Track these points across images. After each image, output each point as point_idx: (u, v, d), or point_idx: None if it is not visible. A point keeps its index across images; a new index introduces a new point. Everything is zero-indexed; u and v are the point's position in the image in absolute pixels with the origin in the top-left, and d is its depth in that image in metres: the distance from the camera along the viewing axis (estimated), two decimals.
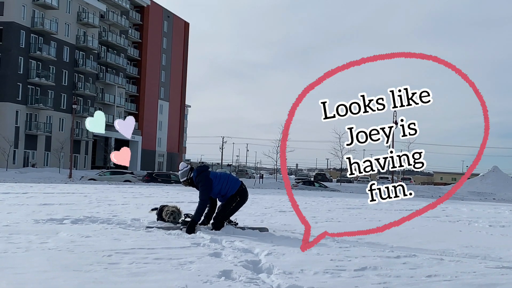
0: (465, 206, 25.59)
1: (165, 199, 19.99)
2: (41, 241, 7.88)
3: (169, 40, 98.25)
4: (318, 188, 56.08)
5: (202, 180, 10.07)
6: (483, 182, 59.70)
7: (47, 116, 67.01)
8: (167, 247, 7.81)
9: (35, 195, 19.37)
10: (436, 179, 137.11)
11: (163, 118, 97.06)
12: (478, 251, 8.85)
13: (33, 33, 64.60)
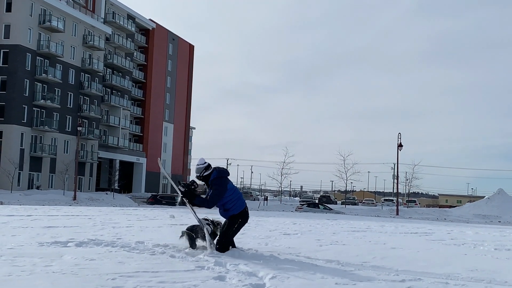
0: (470, 229, 25.44)
1: (169, 221, 19.95)
2: (46, 264, 7.87)
3: (174, 63, 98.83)
4: (322, 210, 55.92)
5: (219, 185, 9.92)
6: (488, 204, 59.39)
7: (52, 138, 67.24)
8: (172, 270, 7.78)
9: (40, 217, 19.36)
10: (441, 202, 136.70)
11: (167, 140, 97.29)
12: (484, 274, 8.79)
13: (39, 55, 65.08)
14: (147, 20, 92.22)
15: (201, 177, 10.11)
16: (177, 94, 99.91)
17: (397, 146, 54.09)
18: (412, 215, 53.05)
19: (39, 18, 65.01)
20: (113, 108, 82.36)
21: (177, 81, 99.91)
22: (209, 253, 9.52)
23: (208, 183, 10.04)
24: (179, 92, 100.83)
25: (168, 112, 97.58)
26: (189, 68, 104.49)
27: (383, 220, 34.47)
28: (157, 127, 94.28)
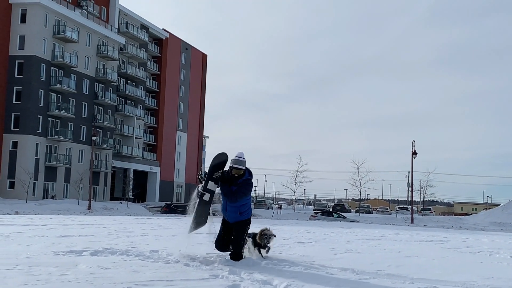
0: (486, 236, 25.26)
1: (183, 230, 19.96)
2: (61, 273, 7.91)
3: (187, 72, 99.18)
4: (336, 218, 55.74)
5: (249, 185, 9.93)
6: (504, 212, 58.96)
7: (67, 148, 67.61)
8: (186, 279, 7.79)
9: (55, 227, 19.47)
10: (456, 209, 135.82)
11: (181, 149, 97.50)
12: (500, 282, 8.73)
13: (54, 66, 65.57)
14: (160, 29, 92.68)
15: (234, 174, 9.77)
16: (190, 103, 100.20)
17: (412, 153, 53.84)
18: (427, 223, 52.73)
19: (54, 29, 65.52)
20: (127, 118, 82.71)
21: (190, 90, 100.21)
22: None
23: (232, 181, 9.82)
24: (192, 101, 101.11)
25: (182, 121, 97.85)
26: (202, 77, 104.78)
27: (398, 228, 34.30)
28: (171, 136, 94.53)
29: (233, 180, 9.79)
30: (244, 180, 9.80)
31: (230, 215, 10.02)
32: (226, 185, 9.86)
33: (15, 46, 63.11)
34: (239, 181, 9.75)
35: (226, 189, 9.87)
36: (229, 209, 9.98)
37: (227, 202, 9.93)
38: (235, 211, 9.96)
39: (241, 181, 9.74)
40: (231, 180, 9.80)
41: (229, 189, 9.82)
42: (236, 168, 9.67)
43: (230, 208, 9.95)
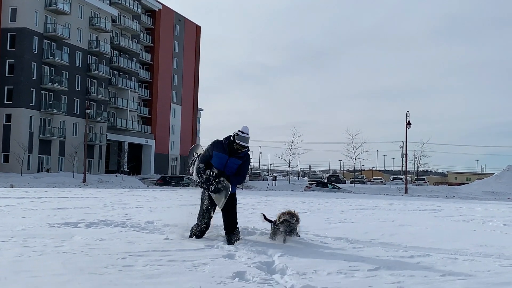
0: (480, 205, 25.44)
1: (178, 202, 20.05)
2: (56, 244, 7.94)
3: (180, 44, 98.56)
4: (331, 189, 56.03)
5: (248, 162, 9.33)
6: (497, 181, 59.29)
7: (61, 121, 67.39)
8: (181, 249, 7.83)
9: (50, 199, 19.50)
10: (450, 179, 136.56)
11: (175, 121, 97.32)
12: (493, 250, 8.81)
13: (46, 38, 65.03)
14: (153, 1, 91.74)
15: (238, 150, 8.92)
16: (184, 76, 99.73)
17: (406, 124, 53.95)
18: (421, 193, 53.05)
19: (45, 1, 64.76)
20: (120, 91, 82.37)
21: (184, 62, 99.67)
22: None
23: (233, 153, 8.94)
24: (187, 73, 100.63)
25: (176, 94, 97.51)
26: (196, 49, 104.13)
27: (392, 198, 34.49)
28: (165, 109, 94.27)
29: (234, 152, 8.98)
30: (246, 155, 9.16)
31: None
32: (225, 155, 8.98)
33: (6, 19, 62.48)
34: (241, 154, 9.04)
35: (232, 162, 9.01)
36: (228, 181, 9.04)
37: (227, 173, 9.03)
38: (232, 181, 9.08)
39: (243, 154, 9.06)
40: (233, 152, 8.97)
41: (234, 162, 8.99)
42: (241, 145, 8.88)
43: (231, 179, 9.02)
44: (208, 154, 9.10)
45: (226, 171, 8.96)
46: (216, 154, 9.01)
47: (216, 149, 9.02)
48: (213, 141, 9.19)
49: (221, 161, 8.97)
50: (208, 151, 9.14)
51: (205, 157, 9.16)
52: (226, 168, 8.95)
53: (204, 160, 9.15)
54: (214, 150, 9.04)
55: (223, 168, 8.96)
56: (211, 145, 9.14)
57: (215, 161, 9.01)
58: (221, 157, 8.96)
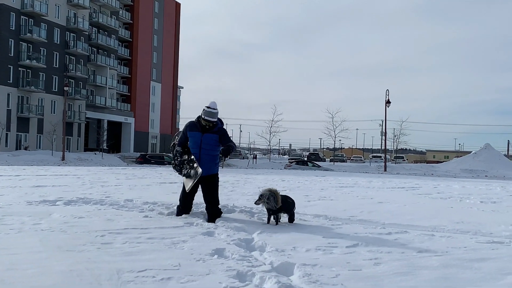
0: (457, 183, 25.73)
1: (157, 180, 20.03)
2: (34, 222, 7.89)
3: (160, 21, 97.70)
4: (311, 167, 56.26)
5: (226, 133, 9.15)
6: (475, 159, 59.93)
7: (39, 99, 66.68)
8: (160, 227, 7.83)
9: (28, 177, 19.36)
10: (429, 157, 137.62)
11: (155, 99, 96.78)
12: (469, 226, 8.92)
13: (23, 15, 64.03)
14: None
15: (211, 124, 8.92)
16: (164, 53, 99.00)
17: (385, 103, 54.17)
18: (399, 171, 53.49)
19: None
20: (99, 68, 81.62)
21: (164, 40, 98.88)
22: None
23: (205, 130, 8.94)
24: (166, 51, 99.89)
25: (156, 72, 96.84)
26: (175, 26, 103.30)
27: (371, 176, 34.75)
28: (145, 87, 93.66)
29: (206, 129, 8.97)
30: (220, 129, 9.05)
31: (206, 166, 8.93)
32: (199, 132, 8.99)
33: None
34: (215, 129, 8.97)
35: (207, 138, 8.96)
36: (205, 159, 8.97)
37: (203, 152, 8.96)
38: (211, 161, 9.06)
39: (216, 129, 8.98)
40: (204, 129, 8.98)
41: (210, 137, 8.95)
42: (207, 121, 8.88)
43: (207, 158, 8.98)
44: (184, 136, 9.26)
45: (203, 147, 8.98)
46: (190, 134, 9.13)
47: (190, 129, 9.14)
48: (186, 123, 9.34)
49: (196, 139, 9.05)
50: (184, 133, 9.28)
51: (181, 139, 9.33)
52: (202, 144, 8.99)
53: (181, 142, 9.32)
54: (188, 130, 9.16)
55: (199, 145, 9.00)
56: (185, 127, 9.29)
57: (191, 141, 9.15)
58: (195, 135, 9.05)
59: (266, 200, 8.49)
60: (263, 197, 8.53)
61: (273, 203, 8.46)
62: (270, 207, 8.51)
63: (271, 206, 8.48)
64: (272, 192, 8.56)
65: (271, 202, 8.46)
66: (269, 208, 8.55)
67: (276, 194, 8.54)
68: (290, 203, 8.83)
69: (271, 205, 8.47)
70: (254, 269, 5.31)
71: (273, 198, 8.48)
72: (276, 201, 8.48)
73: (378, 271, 5.45)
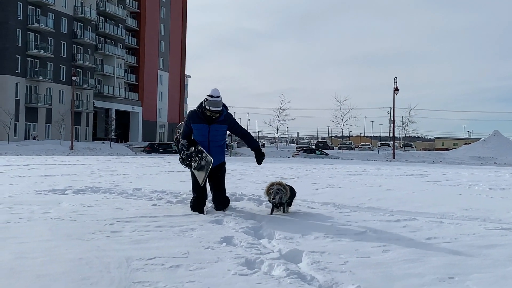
0: (466, 170, 25.65)
1: (166, 169, 20.07)
2: (44, 211, 7.93)
3: (167, 10, 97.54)
4: (319, 155, 56.26)
5: (235, 121, 8.71)
6: (484, 146, 59.75)
7: (47, 88, 66.86)
8: (169, 215, 7.85)
9: (37, 166, 19.44)
10: (437, 145, 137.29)
11: (163, 88, 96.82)
12: (478, 213, 8.89)
13: (30, 4, 64.10)
14: None
15: (212, 116, 8.29)
16: (171, 42, 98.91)
17: (393, 90, 53.98)
18: (408, 159, 53.39)
19: None
20: (107, 57, 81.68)
21: (171, 29, 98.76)
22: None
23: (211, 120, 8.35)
24: (173, 40, 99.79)
25: (163, 61, 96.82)
26: (182, 15, 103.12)
27: (379, 163, 34.69)
28: (152, 76, 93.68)
29: (213, 120, 8.35)
30: (227, 116, 8.51)
31: (215, 157, 8.38)
32: (205, 124, 8.37)
33: None
34: (221, 118, 8.38)
35: (215, 129, 8.41)
36: (214, 151, 8.43)
37: (212, 144, 8.43)
38: (220, 152, 8.60)
39: (222, 118, 8.40)
40: (210, 120, 8.35)
41: (217, 128, 8.41)
42: (213, 111, 8.21)
43: (216, 149, 8.47)
44: (188, 128, 8.55)
45: (212, 140, 8.40)
46: (195, 127, 8.44)
47: (193, 120, 8.42)
48: (188, 114, 8.65)
49: (203, 132, 8.41)
50: (187, 125, 8.55)
51: (185, 132, 8.60)
52: (210, 137, 8.38)
53: (185, 135, 8.59)
54: (192, 122, 8.45)
55: (207, 138, 8.39)
56: (187, 118, 8.57)
57: (197, 134, 8.47)
58: (201, 127, 8.39)
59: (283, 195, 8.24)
60: (280, 192, 8.19)
61: (286, 198, 8.31)
62: (283, 202, 8.32)
63: (284, 201, 8.30)
64: (283, 186, 8.34)
65: (284, 197, 8.27)
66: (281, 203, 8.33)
67: (287, 188, 8.38)
68: (295, 193, 8.80)
69: (284, 199, 8.29)
70: (262, 257, 5.32)
71: (285, 193, 8.28)
72: (287, 195, 8.34)
73: (387, 258, 5.45)
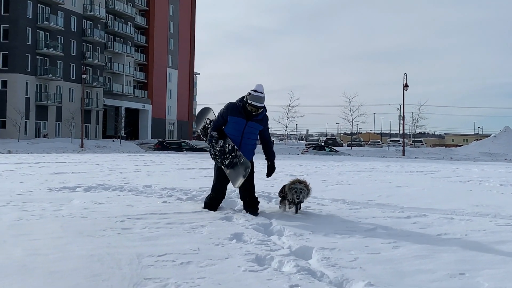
0: (476, 166, 25.55)
1: (175, 166, 20.10)
2: (55, 208, 7.97)
3: (176, 8, 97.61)
4: (328, 152, 56.15)
5: (268, 126, 8.33)
6: (494, 142, 59.48)
7: (57, 87, 67.12)
8: (179, 212, 7.87)
9: (48, 164, 19.51)
10: (447, 141, 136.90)
11: (172, 86, 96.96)
12: (489, 209, 8.87)
13: (40, 3, 64.34)
14: None
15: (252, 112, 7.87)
16: (180, 40, 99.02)
17: (403, 86, 53.80)
18: (418, 155, 53.22)
19: None
20: (116, 55, 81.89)
21: (179, 26, 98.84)
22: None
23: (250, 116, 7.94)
24: (182, 37, 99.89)
25: (172, 58, 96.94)
26: (191, 12, 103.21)
27: (389, 160, 34.60)
28: (161, 73, 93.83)
29: (252, 116, 7.94)
30: (265, 117, 8.12)
31: (247, 155, 7.99)
32: (243, 119, 7.93)
33: None
34: (259, 117, 8.00)
35: (251, 126, 7.98)
36: (245, 149, 8.03)
37: (244, 141, 8.01)
38: (251, 150, 8.15)
39: (261, 116, 8.01)
40: (249, 114, 7.93)
41: (253, 126, 7.98)
42: (255, 106, 7.79)
43: (247, 147, 8.06)
44: (222, 119, 8.05)
45: (244, 137, 7.98)
46: (231, 119, 7.95)
47: (232, 113, 7.94)
48: (226, 104, 8.09)
49: (239, 126, 7.94)
50: (222, 116, 8.04)
51: (218, 123, 8.11)
52: (244, 134, 7.95)
53: (217, 126, 8.12)
54: (229, 114, 7.96)
55: (241, 134, 7.94)
56: (225, 109, 8.03)
57: (231, 127, 7.98)
58: (238, 121, 7.92)
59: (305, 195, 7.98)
60: (303, 191, 7.91)
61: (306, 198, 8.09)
62: (302, 201, 8.08)
63: (303, 200, 8.06)
64: (306, 186, 8.05)
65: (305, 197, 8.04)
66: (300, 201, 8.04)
67: (309, 188, 8.10)
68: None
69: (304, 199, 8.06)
70: (272, 253, 5.33)
71: (307, 193, 8.02)
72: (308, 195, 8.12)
73: (397, 254, 5.45)
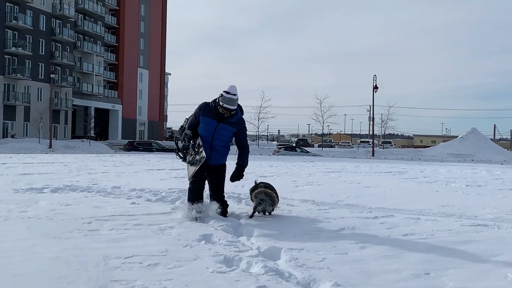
0: (443, 167, 25.89)
1: (145, 167, 20.00)
2: (21, 210, 7.88)
3: (147, 7, 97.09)
4: (299, 153, 56.31)
5: (245, 129, 8.21)
6: (461, 144, 60.33)
7: (25, 86, 66.28)
8: (148, 213, 7.84)
9: (15, 165, 19.27)
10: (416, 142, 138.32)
11: (143, 86, 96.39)
12: (454, 210, 9.00)
13: (8, 2, 63.50)
14: None
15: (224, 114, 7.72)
16: (151, 40, 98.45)
17: (373, 88, 54.25)
18: (387, 156, 53.72)
19: None
20: (86, 55, 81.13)
21: (150, 26, 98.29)
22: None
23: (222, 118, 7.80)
24: (153, 37, 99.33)
25: (143, 58, 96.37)
26: (163, 12, 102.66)
27: (359, 161, 34.87)
28: (132, 74, 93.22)
29: (223, 118, 7.77)
30: (239, 120, 7.95)
31: (216, 156, 7.92)
32: (214, 120, 7.79)
33: None
34: (233, 120, 7.83)
35: (223, 128, 7.82)
36: (216, 150, 7.92)
37: (216, 143, 7.87)
38: (223, 152, 8.06)
39: (235, 120, 7.85)
40: (221, 118, 7.77)
41: (225, 128, 7.82)
42: (226, 109, 7.62)
43: (219, 149, 7.93)
44: (195, 119, 7.93)
45: (216, 139, 7.83)
46: (203, 120, 7.82)
47: (204, 113, 7.81)
48: (200, 104, 7.95)
49: (209, 127, 7.80)
50: (195, 116, 7.93)
51: (191, 123, 7.98)
52: (215, 135, 7.80)
53: (191, 126, 7.98)
54: (201, 114, 7.83)
55: (211, 136, 7.79)
56: (198, 109, 7.91)
57: (202, 128, 7.85)
58: (209, 122, 7.79)
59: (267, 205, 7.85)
60: (263, 202, 7.80)
61: (270, 208, 7.94)
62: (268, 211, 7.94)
63: (269, 211, 7.94)
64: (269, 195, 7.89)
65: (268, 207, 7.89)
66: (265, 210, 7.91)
67: (273, 196, 7.94)
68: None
69: (269, 210, 7.93)
70: (241, 254, 5.34)
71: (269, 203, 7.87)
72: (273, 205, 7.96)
73: (364, 254, 5.50)
